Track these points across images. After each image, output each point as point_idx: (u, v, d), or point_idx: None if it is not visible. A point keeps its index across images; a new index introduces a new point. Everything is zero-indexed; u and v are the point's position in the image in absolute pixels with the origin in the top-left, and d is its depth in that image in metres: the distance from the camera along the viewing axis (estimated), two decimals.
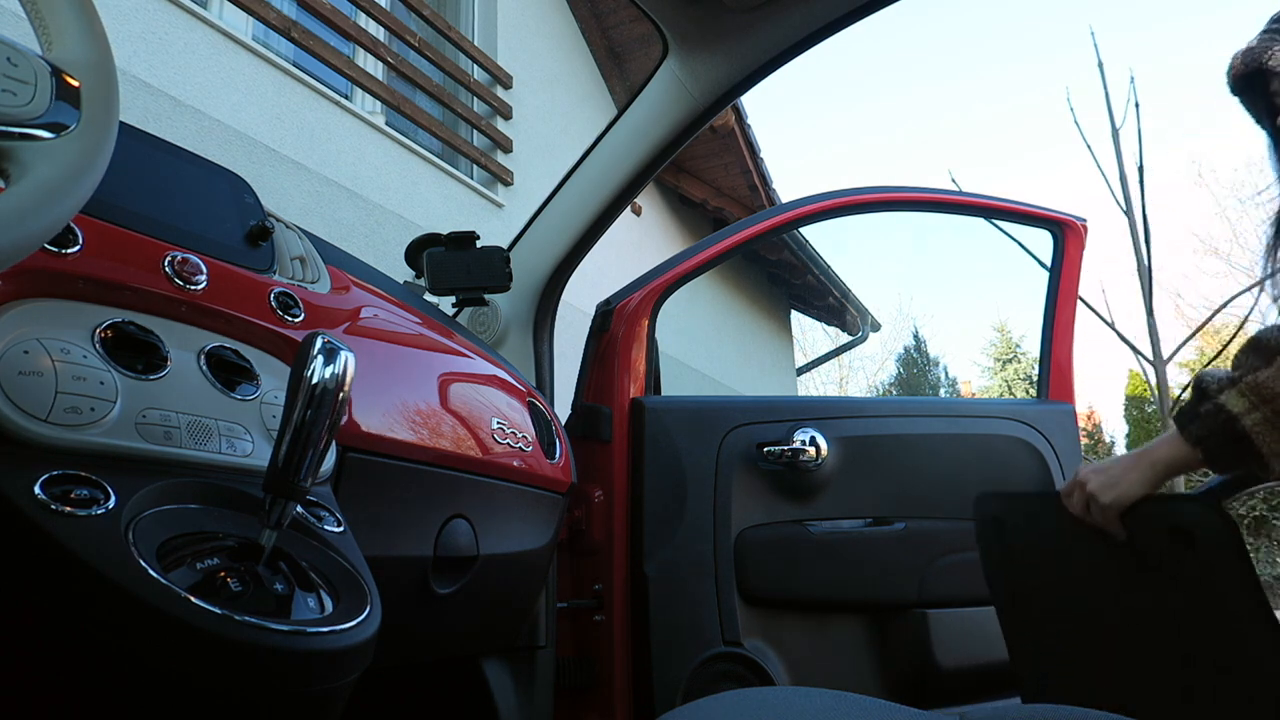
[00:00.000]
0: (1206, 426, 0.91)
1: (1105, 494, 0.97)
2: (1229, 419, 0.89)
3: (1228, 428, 0.89)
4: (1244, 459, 0.89)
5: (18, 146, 0.49)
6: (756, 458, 1.60)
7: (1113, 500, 0.97)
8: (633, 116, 1.43)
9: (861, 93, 37.70)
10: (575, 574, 1.59)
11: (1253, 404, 0.88)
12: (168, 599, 0.50)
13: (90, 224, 0.68)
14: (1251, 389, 0.88)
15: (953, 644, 1.57)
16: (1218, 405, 0.91)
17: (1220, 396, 0.91)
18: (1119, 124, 3.36)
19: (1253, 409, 0.87)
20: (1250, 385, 0.88)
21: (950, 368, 18.34)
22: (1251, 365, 0.92)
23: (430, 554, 0.94)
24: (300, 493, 0.57)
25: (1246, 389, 0.89)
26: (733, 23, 1.23)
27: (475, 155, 4.06)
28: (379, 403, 0.87)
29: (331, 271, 0.95)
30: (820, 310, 8.29)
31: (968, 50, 36.27)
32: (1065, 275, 1.81)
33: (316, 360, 0.56)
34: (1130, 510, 0.96)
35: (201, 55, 2.79)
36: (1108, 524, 0.98)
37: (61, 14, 0.55)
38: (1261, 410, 0.87)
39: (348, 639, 0.56)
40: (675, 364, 5.56)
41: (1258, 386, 0.88)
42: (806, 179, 37.62)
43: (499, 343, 1.58)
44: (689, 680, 1.50)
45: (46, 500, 0.51)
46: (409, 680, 1.24)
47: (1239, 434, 0.88)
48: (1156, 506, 0.94)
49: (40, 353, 0.57)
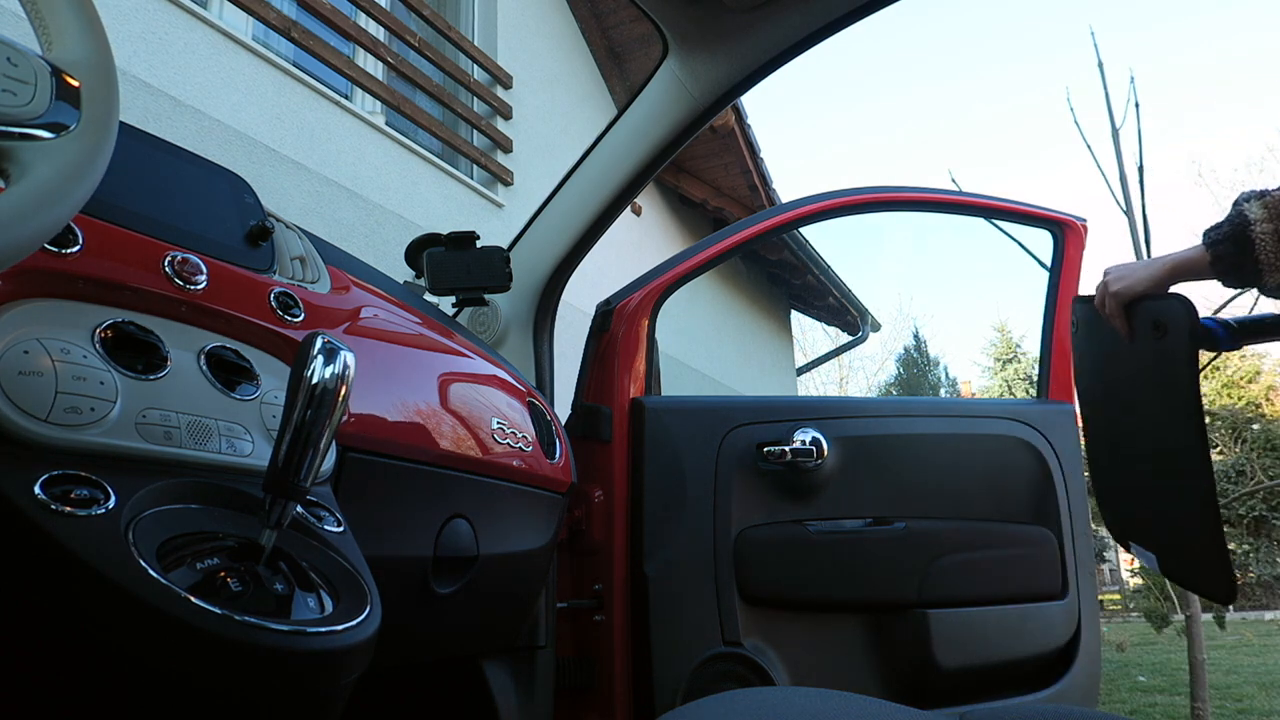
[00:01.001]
0: (1223, 230, 0.96)
1: (1116, 284, 1.05)
2: (1244, 223, 0.94)
3: (1239, 231, 0.94)
4: (1244, 268, 0.94)
5: (18, 146, 0.49)
6: (756, 458, 1.60)
7: (1120, 289, 1.04)
8: (633, 116, 1.43)
9: (861, 93, 37.69)
10: (575, 574, 1.59)
11: (1270, 215, 0.92)
12: (168, 599, 0.50)
13: (90, 224, 0.68)
14: (1274, 203, 0.93)
15: (953, 644, 1.57)
16: (1239, 210, 0.95)
17: (1245, 204, 0.95)
18: (1119, 124, 3.35)
19: (1268, 220, 0.92)
20: (1274, 199, 0.93)
21: (950, 368, 18.36)
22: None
23: (430, 554, 0.94)
24: (300, 493, 0.57)
25: (1270, 202, 0.93)
26: (733, 23, 1.23)
27: (475, 155, 4.06)
28: (379, 403, 0.87)
29: (331, 271, 0.95)
30: (820, 310, 8.29)
31: (968, 50, 36.26)
32: (1065, 275, 1.81)
33: (316, 360, 0.56)
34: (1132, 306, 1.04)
35: (201, 55, 2.79)
36: (1114, 315, 1.06)
37: (61, 14, 0.55)
38: (1275, 223, 0.91)
39: (348, 639, 0.56)
40: (675, 364, 5.56)
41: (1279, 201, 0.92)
42: (806, 179, 37.63)
43: (499, 343, 1.58)
44: (689, 680, 1.50)
45: (46, 500, 0.51)
46: (409, 680, 1.24)
47: (1246, 239, 0.93)
48: (1149, 303, 1.03)
49: (40, 353, 0.57)
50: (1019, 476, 1.67)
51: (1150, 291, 1.02)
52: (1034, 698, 1.62)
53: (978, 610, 1.59)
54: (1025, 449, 1.68)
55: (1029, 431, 1.69)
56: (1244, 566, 10.90)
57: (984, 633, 1.59)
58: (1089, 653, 1.66)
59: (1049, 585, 1.64)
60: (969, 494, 1.65)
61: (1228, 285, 0.99)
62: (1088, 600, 1.69)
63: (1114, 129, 3.36)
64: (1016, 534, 1.64)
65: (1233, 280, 0.97)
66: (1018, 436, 1.68)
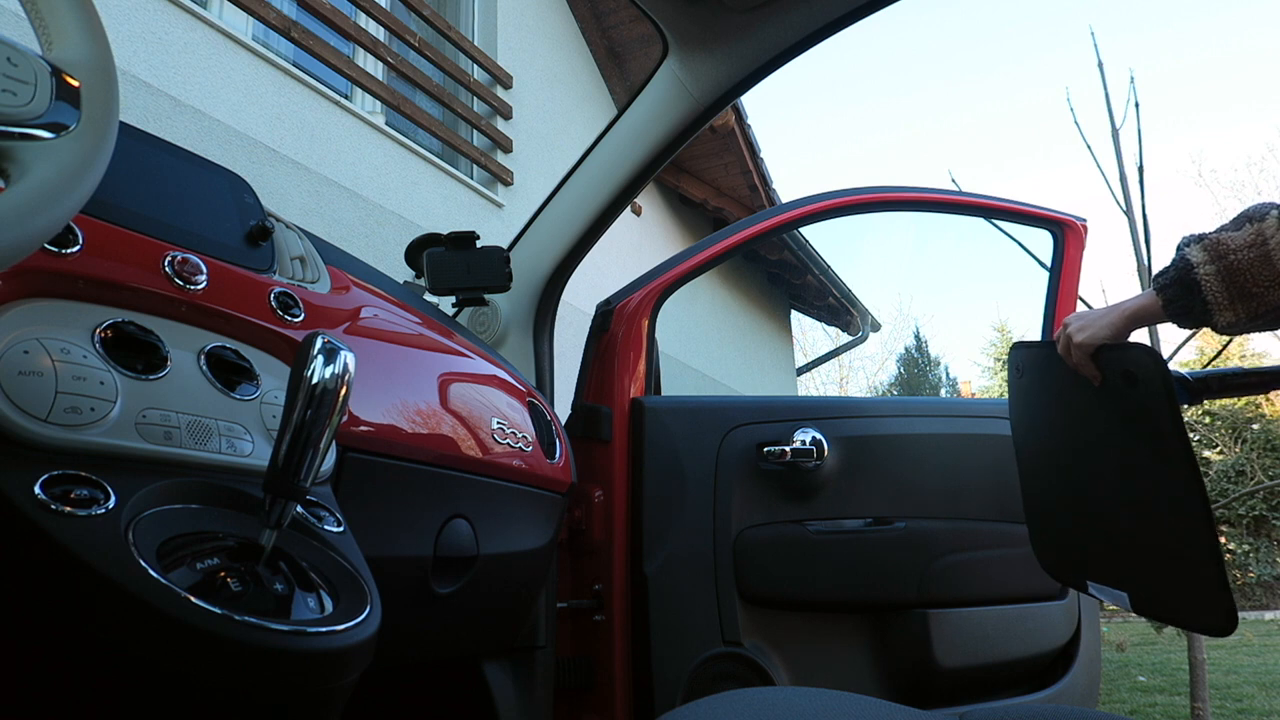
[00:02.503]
0: (1169, 275, 1.00)
1: (1078, 335, 1.08)
2: (1187, 267, 0.98)
3: (1185, 276, 0.98)
4: (1194, 310, 0.98)
5: (18, 146, 0.49)
6: (756, 458, 1.60)
7: (1083, 341, 1.07)
8: (633, 116, 1.43)
9: (861, 93, 37.70)
10: (575, 574, 1.59)
11: (1210, 258, 0.97)
12: (168, 599, 0.50)
13: (90, 224, 0.68)
14: (1213, 245, 0.97)
15: (953, 644, 1.57)
16: (1182, 256, 1.00)
17: (1187, 249, 1.00)
18: (1119, 124, 3.35)
19: (1208, 262, 0.97)
20: (1212, 242, 0.98)
21: (950, 368, 18.34)
22: (1222, 228, 1.00)
23: (430, 554, 0.94)
24: (300, 493, 0.57)
25: (1209, 244, 0.98)
26: (733, 23, 1.23)
27: (475, 155, 4.06)
28: (379, 403, 0.87)
29: (331, 271, 0.95)
30: (820, 310, 8.28)
31: (968, 51, 36.27)
32: (1065, 275, 1.81)
33: (316, 360, 0.56)
34: (1098, 354, 1.07)
35: (201, 55, 2.79)
36: (1080, 364, 1.09)
37: (61, 14, 0.55)
38: (1216, 264, 0.96)
39: (347, 639, 0.56)
40: (675, 364, 5.56)
41: (1218, 243, 0.97)
42: (807, 179, 37.63)
43: (499, 343, 1.58)
44: (689, 680, 1.50)
45: (47, 500, 0.51)
46: (409, 680, 1.24)
47: (1192, 282, 0.97)
48: (1115, 351, 1.06)
49: (40, 353, 0.57)
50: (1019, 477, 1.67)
51: (1112, 339, 1.06)
52: (1034, 698, 1.62)
53: (977, 610, 1.59)
54: None
55: None
56: (1244, 566, 10.90)
57: (984, 633, 1.59)
58: (1089, 653, 1.66)
59: (1049, 585, 1.64)
60: (969, 494, 1.64)
61: (1183, 326, 1.02)
62: (1088, 600, 1.69)
63: (1114, 129, 3.36)
64: (1016, 534, 1.64)
65: (1186, 322, 1.00)
66: None
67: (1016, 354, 1.32)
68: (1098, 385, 1.09)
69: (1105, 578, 1.15)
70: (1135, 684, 4.35)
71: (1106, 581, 1.15)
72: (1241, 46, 30.29)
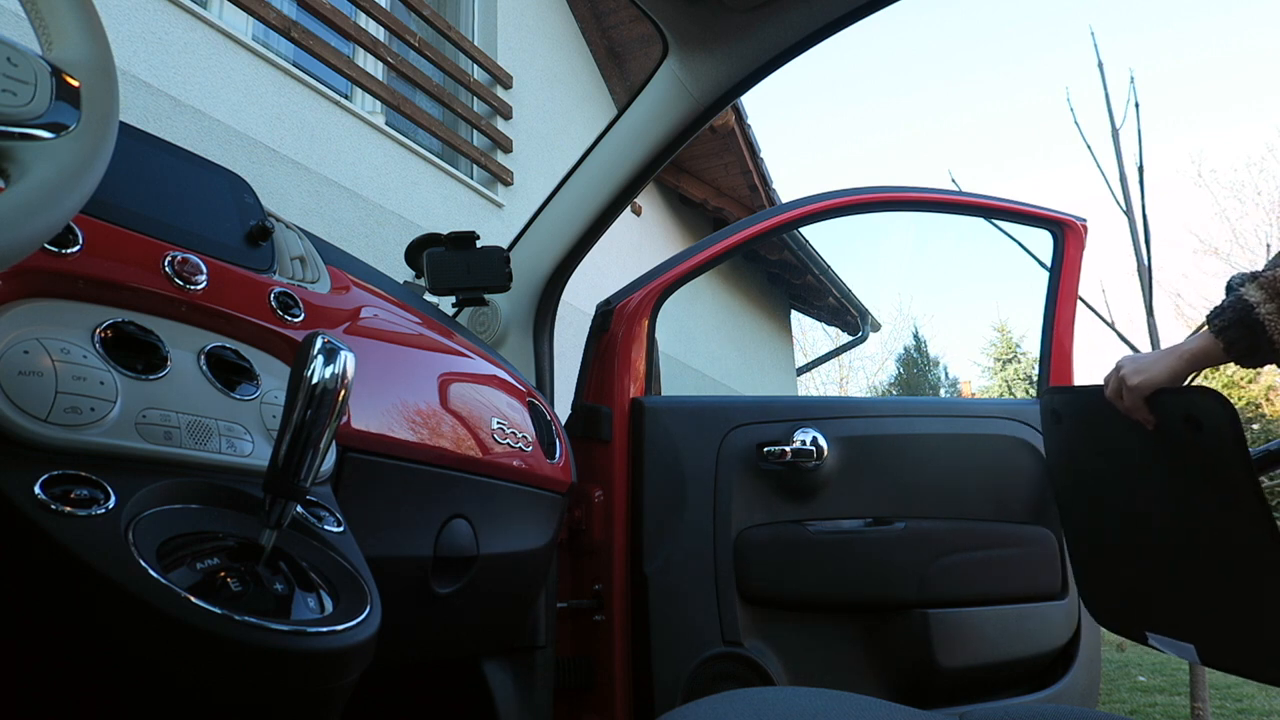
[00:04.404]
0: (1227, 317, 0.99)
1: (1134, 378, 1.06)
2: (1246, 308, 0.97)
3: (1244, 316, 0.97)
4: (1259, 348, 0.97)
5: (18, 146, 0.49)
6: (756, 458, 1.60)
7: (1139, 384, 1.05)
8: (633, 116, 1.43)
9: (861, 93, 37.70)
10: (575, 574, 1.59)
11: (1269, 295, 0.96)
12: (168, 599, 0.50)
13: (90, 224, 0.68)
14: (1269, 282, 0.97)
15: (953, 644, 1.57)
16: (1238, 296, 0.99)
17: (1242, 289, 0.99)
18: (1119, 124, 3.35)
19: (1268, 300, 0.96)
20: (1268, 279, 0.97)
21: (950, 368, 18.36)
22: (1273, 264, 1.00)
23: (430, 554, 0.94)
24: (300, 493, 0.57)
25: (1265, 282, 0.97)
26: (733, 23, 1.23)
27: (475, 155, 4.06)
28: (379, 403, 0.87)
29: (331, 271, 0.95)
30: (820, 310, 8.29)
31: (968, 51, 36.27)
32: (1065, 275, 1.81)
33: (316, 360, 0.56)
34: (1154, 398, 1.04)
35: (201, 55, 2.79)
36: (1134, 408, 1.06)
37: (61, 14, 0.55)
38: (1276, 301, 0.95)
39: (348, 639, 0.56)
40: (675, 364, 5.56)
41: (1274, 280, 0.96)
42: (807, 179, 37.64)
43: (499, 343, 1.58)
44: (689, 680, 1.50)
45: (47, 500, 0.51)
46: (409, 680, 1.24)
47: (1254, 322, 0.96)
48: (1175, 396, 1.03)
49: (40, 352, 0.57)
50: (1019, 476, 1.67)
51: (1170, 383, 1.03)
52: (1034, 698, 1.62)
53: (977, 610, 1.59)
54: (1025, 449, 1.68)
55: (1029, 431, 1.69)
56: None
57: (984, 633, 1.59)
58: (1089, 653, 1.66)
59: (1049, 585, 1.64)
60: (969, 494, 1.64)
61: (1246, 366, 1.01)
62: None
63: (1114, 129, 3.35)
64: (1016, 534, 1.64)
65: (1252, 362, 0.99)
66: (1018, 436, 1.68)
67: (1052, 399, 1.27)
68: (1151, 429, 1.06)
69: (1167, 628, 1.10)
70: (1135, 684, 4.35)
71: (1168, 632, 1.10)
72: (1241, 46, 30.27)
